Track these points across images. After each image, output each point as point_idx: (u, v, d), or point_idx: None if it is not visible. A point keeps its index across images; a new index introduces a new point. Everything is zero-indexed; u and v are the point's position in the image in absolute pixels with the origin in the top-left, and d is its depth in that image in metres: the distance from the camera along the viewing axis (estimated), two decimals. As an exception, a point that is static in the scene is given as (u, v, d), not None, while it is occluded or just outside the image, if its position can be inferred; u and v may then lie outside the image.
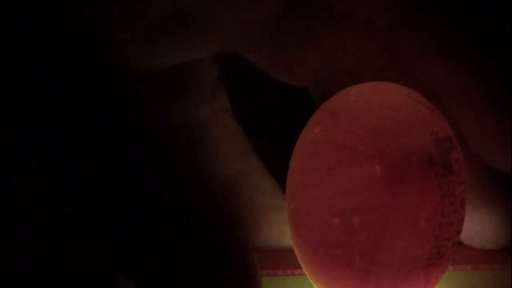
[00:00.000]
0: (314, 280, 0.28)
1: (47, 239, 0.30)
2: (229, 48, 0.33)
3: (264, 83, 0.35)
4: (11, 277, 0.29)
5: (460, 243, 0.32)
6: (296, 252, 0.28)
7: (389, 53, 0.32)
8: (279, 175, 0.34)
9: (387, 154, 0.26)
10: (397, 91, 0.28)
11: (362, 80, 0.28)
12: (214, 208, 0.25)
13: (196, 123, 0.34)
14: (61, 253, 0.30)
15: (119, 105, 0.25)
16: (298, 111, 0.31)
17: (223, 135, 0.34)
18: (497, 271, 0.32)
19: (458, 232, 0.27)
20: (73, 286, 0.29)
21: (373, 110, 0.27)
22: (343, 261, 0.26)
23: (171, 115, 0.33)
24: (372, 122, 0.26)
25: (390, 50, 0.32)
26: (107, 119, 0.25)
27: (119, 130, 0.25)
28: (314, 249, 0.27)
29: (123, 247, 0.24)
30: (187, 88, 0.34)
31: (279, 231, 0.34)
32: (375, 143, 0.26)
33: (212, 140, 0.34)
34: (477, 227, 0.32)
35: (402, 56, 0.32)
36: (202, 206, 0.25)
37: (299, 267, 0.29)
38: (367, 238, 0.26)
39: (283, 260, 0.32)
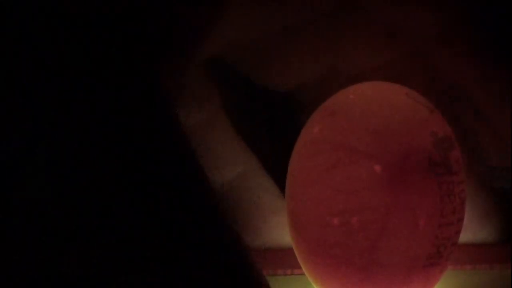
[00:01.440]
0: (314, 280, 0.28)
1: (47, 239, 0.30)
2: (220, 52, 0.33)
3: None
4: (11, 277, 0.29)
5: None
6: (295, 251, 0.28)
7: (410, 61, 0.32)
8: (280, 175, 0.34)
9: (386, 154, 0.26)
10: (397, 91, 0.28)
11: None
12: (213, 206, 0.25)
13: (194, 127, 0.34)
14: (61, 253, 0.30)
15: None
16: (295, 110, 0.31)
17: (222, 137, 0.34)
18: (497, 271, 0.32)
19: (458, 232, 0.27)
20: (73, 286, 0.29)
21: (372, 110, 0.27)
22: (343, 261, 0.26)
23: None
24: (371, 122, 0.26)
25: (413, 59, 0.32)
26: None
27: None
28: (314, 249, 0.27)
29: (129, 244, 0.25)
30: (180, 93, 0.33)
31: (280, 233, 0.34)
32: (375, 143, 0.26)
33: (211, 143, 0.34)
34: None
35: (435, 65, 0.31)
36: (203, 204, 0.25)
37: (299, 267, 0.29)
38: (366, 237, 0.26)
39: (283, 259, 0.32)
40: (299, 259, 0.28)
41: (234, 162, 0.35)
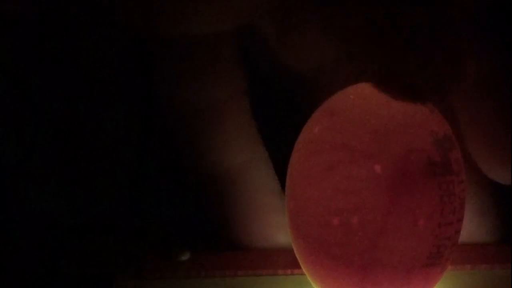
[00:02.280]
0: (314, 280, 0.28)
1: (47, 239, 0.30)
2: (244, 19, 0.32)
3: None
4: (11, 277, 0.29)
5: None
6: (295, 251, 0.28)
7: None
8: (282, 170, 0.34)
9: (386, 154, 0.26)
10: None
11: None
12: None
13: (211, 105, 0.33)
14: (61, 253, 0.30)
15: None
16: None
17: (235, 121, 0.34)
18: (497, 271, 0.32)
19: (458, 232, 0.27)
20: (73, 286, 0.29)
21: (372, 110, 0.27)
22: (343, 261, 0.26)
23: (188, 94, 0.32)
24: (371, 122, 0.26)
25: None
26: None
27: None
28: (314, 248, 0.27)
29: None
30: (207, 67, 0.33)
31: (279, 233, 0.34)
32: (375, 143, 0.26)
33: (224, 125, 0.33)
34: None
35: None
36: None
37: (299, 267, 0.29)
38: (366, 237, 0.26)
39: (282, 259, 0.32)
40: (299, 259, 0.28)
41: (242, 148, 0.34)
